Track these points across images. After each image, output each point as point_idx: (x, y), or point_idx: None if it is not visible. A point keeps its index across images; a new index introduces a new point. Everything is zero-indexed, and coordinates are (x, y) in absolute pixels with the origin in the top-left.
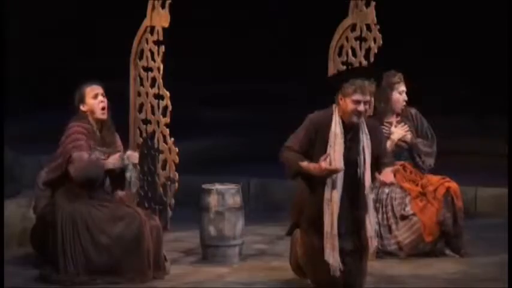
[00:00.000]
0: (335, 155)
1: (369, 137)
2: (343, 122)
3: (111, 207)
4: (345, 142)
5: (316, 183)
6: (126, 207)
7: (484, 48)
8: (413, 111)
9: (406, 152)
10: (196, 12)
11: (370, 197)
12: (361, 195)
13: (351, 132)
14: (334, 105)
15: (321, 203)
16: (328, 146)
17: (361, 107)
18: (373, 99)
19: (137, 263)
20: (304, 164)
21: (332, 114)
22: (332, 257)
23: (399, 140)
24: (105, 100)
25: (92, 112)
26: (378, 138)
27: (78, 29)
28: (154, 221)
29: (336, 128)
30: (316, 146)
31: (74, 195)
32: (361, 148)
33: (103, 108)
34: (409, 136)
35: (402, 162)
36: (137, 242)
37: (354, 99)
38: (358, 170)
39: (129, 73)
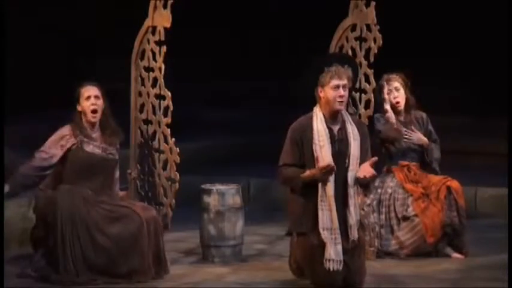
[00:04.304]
0: (322, 151)
1: (355, 128)
2: (329, 117)
3: (110, 208)
4: (334, 136)
5: (310, 185)
6: (124, 208)
7: (484, 48)
8: (424, 115)
9: (412, 153)
10: (196, 12)
11: (353, 190)
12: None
13: (338, 124)
14: (314, 108)
15: (316, 202)
16: (313, 145)
17: (341, 92)
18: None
19: (136, 263)
20: (306, 174)
21: (313, 115)
22: (334, 251)
23: (415, 143)
24: (97, 103)
25: (84, 113)
26: (363, 132)
27: (79, 29)
28: (151, 213)
29: (318, 124)
30: (305, 150)
31: (74, 195)
32: (350, 138)
33: (93, 111)
34: (427, 141)
35: (407, 162)
36: (135, 243)
37: (333, 85)
38: (346, 161)
39: (130, 73)
